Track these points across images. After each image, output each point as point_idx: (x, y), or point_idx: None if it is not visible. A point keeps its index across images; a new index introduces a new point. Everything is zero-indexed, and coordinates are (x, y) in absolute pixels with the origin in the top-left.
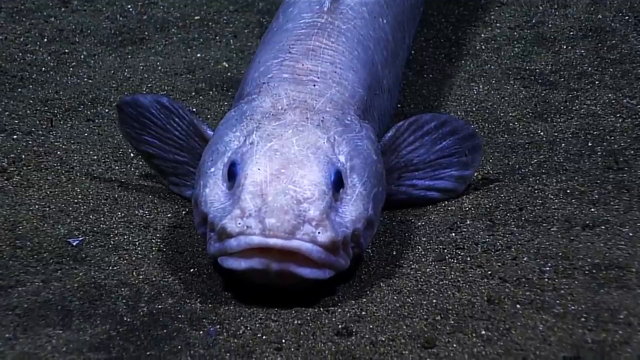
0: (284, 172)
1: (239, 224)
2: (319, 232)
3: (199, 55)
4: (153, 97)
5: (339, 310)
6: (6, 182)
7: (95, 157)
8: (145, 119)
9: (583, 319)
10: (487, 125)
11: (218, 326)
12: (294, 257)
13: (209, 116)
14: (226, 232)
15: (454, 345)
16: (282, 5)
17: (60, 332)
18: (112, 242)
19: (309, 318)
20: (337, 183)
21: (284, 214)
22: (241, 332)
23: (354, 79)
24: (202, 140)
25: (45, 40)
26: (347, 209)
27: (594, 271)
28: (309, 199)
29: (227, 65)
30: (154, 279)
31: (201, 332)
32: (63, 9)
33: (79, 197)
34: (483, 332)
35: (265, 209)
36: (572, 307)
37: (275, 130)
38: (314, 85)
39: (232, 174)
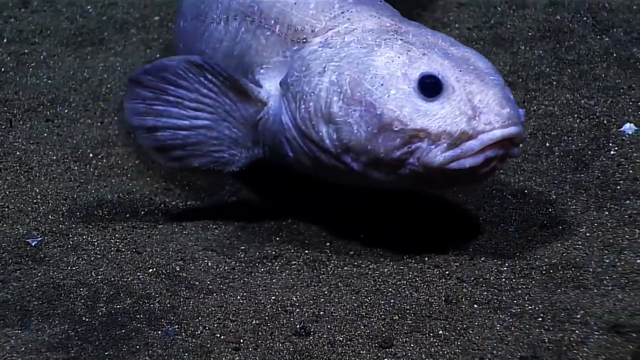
0: (473, 69)
1: (474, 124)
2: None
3: (158, 55)
4: (182, 58)
5: (297, 310)
6: None
7: (55, 157)
8: (166, 83)
9: (540, 319)
10: None
11: (176, 326)
12: (508, 142)
13: None
14: (467, 135)
15: (412, 345)
16: None
17: (19, 332)
18: (70, 242)
19: (267, 318)
20: None
21: (512, 102)
22: (199, 332)
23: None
24: (240, 93)
25: (5, 40)
26: None
27: (551, 271)
28: (505, 86)
29: None
30: (112, 279)
31: (159, 332)
32: (23, 10)
33: (38, 197)
34: (440, 332)
35: (495, 102)
36: (529, 307)
37: (419, 40)
38: (384, 5)
39: (429, 87)
